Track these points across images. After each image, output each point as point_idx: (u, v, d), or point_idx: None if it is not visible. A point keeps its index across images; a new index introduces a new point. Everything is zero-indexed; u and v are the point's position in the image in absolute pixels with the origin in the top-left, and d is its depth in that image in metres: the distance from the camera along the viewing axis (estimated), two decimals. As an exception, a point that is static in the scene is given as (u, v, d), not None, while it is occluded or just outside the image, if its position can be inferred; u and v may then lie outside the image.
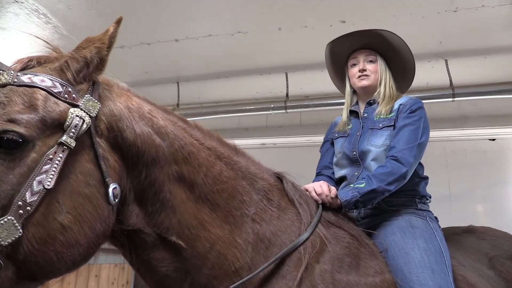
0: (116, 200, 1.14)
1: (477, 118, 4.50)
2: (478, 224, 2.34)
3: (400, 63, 2.09)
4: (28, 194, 0.98)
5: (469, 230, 2.20)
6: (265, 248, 1.36)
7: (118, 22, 1.20)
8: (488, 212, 4.42)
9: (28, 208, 0.98)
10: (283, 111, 4.33)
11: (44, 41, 1.25)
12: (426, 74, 3.96)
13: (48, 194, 1.02)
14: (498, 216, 4.29)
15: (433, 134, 1.88)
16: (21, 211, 0.97)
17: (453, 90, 3.85)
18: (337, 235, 1.54)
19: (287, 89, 4.32)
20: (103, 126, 1.16)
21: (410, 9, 3.20)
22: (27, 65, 1.14)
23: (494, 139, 4.71)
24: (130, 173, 1.21)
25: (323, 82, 4.02)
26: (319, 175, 2.08)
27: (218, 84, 4.50)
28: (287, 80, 4.29)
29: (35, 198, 0.99)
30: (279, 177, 1.61)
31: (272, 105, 4.35)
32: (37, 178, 1.00)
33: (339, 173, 1.98)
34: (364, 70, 2.01)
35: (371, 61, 2.03)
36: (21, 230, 0.97)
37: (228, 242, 1.31)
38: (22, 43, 3.72)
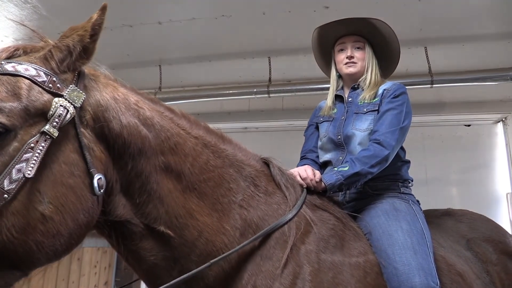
0: (101, 191, 1.14)
1: (454, 104, 4.60)
2: (453, 206, 2.43)
3: (386, 50, 2.12)
4: (6, 182, 0.97)
5: (448, 213, 2.28)
6: (252, 233, 1.40)
7: (103, 9, 1.15)
8: (462, 195, 4.56)
9: (6, 195, 0.97)
10: (266, 95, 4.34)
11: (31, 29, 1.22)
12: (405, 60, 3.95)
13: (28, 183, 1.01)
14: (472, 199, 4.44)
15: (412, 119, 1.94)
16: None
17: (431, 77, 3.92)
18: (323, 217, 1.59)
19: (270, 74, 4.32)
20: (89, 116, 1.15)
21: (392, -4, 3.23)
22: (12, 54, 1.12)
23: (469, 125, 4.83)
24: (116, 164, 1.21)
25: (305, 67, 4.03)
26: (303, 159, 2.11)
27: (201, 68, 4.46)
28: (270, 65, 4.29)
29: (13, 186, 0.98)
30: (266, 162, 1.63)
31: (255, 90, 4.35)
32: (16, 166, 0.99)
33: (324, 157, 2.02)
34: (352, 57, 2.03)
35: (358, 48, 2.05)
36: None
37: (216, 229, 1.34)
38: (-1, 23, 3.61)
